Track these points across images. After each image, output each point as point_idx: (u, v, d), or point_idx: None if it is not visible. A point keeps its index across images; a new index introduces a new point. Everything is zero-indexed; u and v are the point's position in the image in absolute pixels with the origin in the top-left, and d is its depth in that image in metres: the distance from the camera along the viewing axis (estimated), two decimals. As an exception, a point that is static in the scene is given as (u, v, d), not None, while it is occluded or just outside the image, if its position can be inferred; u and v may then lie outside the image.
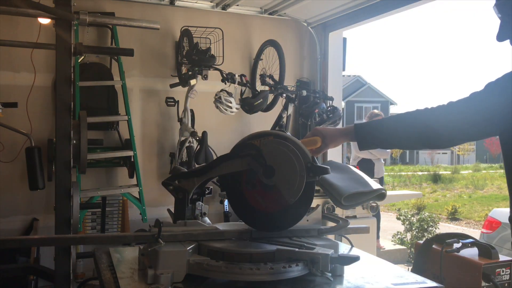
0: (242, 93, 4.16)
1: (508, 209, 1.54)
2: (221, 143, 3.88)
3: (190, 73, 3.82)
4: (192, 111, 4.01)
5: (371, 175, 3.85)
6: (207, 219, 1.81)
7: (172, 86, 4.08)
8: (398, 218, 7.57)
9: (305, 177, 1.50)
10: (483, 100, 1.31)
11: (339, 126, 4.45)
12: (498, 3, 1.13)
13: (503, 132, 1.30)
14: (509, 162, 1.29)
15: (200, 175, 1.63)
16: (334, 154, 4.60)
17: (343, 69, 4.87)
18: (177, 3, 4.21)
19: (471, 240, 2.56)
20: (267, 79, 4.28)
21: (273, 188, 1.54)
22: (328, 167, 1.55)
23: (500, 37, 1.14)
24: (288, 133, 1.61)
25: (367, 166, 6.03)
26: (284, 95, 4.20)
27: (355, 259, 1.49)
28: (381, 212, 8.88)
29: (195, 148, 3.94)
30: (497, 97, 1.26)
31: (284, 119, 4.24)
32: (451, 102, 1.43)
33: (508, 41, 1.14)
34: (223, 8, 4.35)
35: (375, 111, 6.85)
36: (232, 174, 1.61)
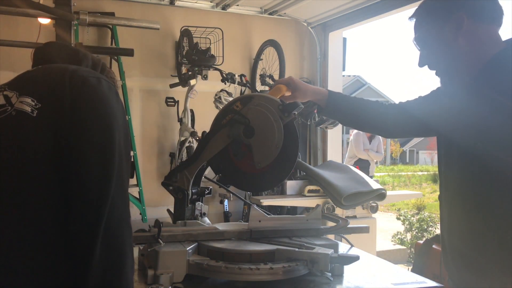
0: (242, 93, 4.16)
1: None
2: (221, 143, 3.87)
3: (190, 73, 3.82)
4: (192, 111, 4.01)
5: (367, 175, 3.86)
6: (207, 219, 1.81)
7: (172, 86, 4.08)
8: (398, 218, 7.56)
9: (280, 147, 1.55)
10: (428, 103, 1.54)
11: (339, 126, 4.45)
12: (416, 37, 1.41)
13: (439, 135, 1.47)
14: (445, 161, 1.43)
15: (190, 164, 1.64)
16: (334, 154, 4.60)
17: (343, 69, 4.87)
18: (177, 3, 4.21)
19: (471, 240, 2.56)
20: (267, 79, 4.28)
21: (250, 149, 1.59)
22: (298, 101, 1.62)
23: (420, 64, 1.42)
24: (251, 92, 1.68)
25: (363, 165, 6.16)
26: (284, 95, 4.19)
27: (355, 259, 1.49)
28: (381, 212, 8.89)
29: (195, 148, 3.94)
30: (436, 103, 1.49)
31: (284, 119, 4.23)
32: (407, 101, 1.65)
33: (426, 66, 1.42)
34: (223, 8, 4.35)
35: None
36: (220, 156, 1.63)
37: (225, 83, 3.86)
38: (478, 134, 1.25)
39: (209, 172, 1.90)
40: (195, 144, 3.94)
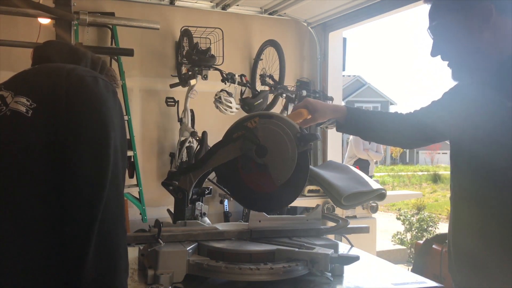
0: (242, 93, 4.16)
1: None
2: (221, 143, 3.87)
3: (190, 73, 3.82)
4: (192, 111, 4.01)
5: (367, 174, 3.87)
6: (207, 219, 1.81)
7: (172, 86, 4.08)
8: (398, 218, 7.56)
9: (296, 160, 1.53)
10: (440, 106, 1.50)
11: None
12: (433, 24, 1.34)
13: (452, 138, 1.44)
14: (453, 163, 1.42)
15: (196, 169, 1.63)
16: (334, 154, 4.60)
17: (343, 69, 4.87)
18: (177, 3, 4.21)
19: (471, 240, 2.56)
20: (267, 79, 4.28)
21: (265, 168, 1.56)
22: (317, 133, 1.59)
23: (433, 54, 1.36)
24: (272, 111, 1.64)
25: (363, 165, 6.17)
26: (284, 95, 4.19)
27: (355, 259, 1.49)
28: (381, 212, 8.90)
29: (195, 148, 3.94)
30: (447, 106, 1.46)
31: (284, 119, 4.23)
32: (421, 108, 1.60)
33: (439, 56, 1.36)
34: (223, 8, 4.35)
35: None
36: (226, 164, 1.61)
37: (225, 83, 3.86)
38: (486, 137, 1.24)
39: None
40: (195, 144, 3.94)
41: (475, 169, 1.29)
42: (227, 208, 4.13)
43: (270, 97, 4.22)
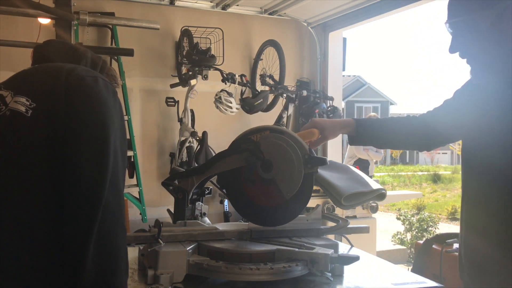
0: (242, 93, 4.15)
1: None
2: (221, 143, 3.87)
3: (190, 73, 3.82)
4: (192, 111, 4.01)
5: (367, 174, 3.87)
6: (207, 219, 1.81)
7: (172, 86, 4.08)
8: (398, 218, 7.57)
9: (303, 171, 1.51)
10: (452, 108, 1.46)
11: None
12: (450, 21, 1.28)
13: (465, 138, 1.41)
14: (465, 167, 1.40)
15: (199, 173, 1.63)
16: (334, 154, 4.60)
17: (343, 69, 4.87)
18: (177, 3, 4.20)
19: (471, 240, 2.56)
20: (267, 79, 4.28)
21: (272, 183, 1.55)
22: (326, 157, 1.58)
23: (452, 50, 1.30)
24: (284, 127, 1.63)
25: (363, 165, 6.18)
26: (284, 95, 4.20)
27: (355, 259, 1.49)
28: (381, 212, 8.91)
29: (195, 148, 3.94)
30: (460, 106, 1.42)
31: (285, 119, 4.24)
32: (434, 108, 1.56)
33: (457, 53, 1.30)
34: (223, 8, 4.35)
35: (371, 114, 7.34)
36: (230, 171, 1.61)
37: (226, 83, 3.86)
38: (501, 140, 1.21)
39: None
40: (195, 144, 3.94)
41: (489, 171, 1.27)
42: (227, 208, 4.13)
43: (270, 97, 4.22)
